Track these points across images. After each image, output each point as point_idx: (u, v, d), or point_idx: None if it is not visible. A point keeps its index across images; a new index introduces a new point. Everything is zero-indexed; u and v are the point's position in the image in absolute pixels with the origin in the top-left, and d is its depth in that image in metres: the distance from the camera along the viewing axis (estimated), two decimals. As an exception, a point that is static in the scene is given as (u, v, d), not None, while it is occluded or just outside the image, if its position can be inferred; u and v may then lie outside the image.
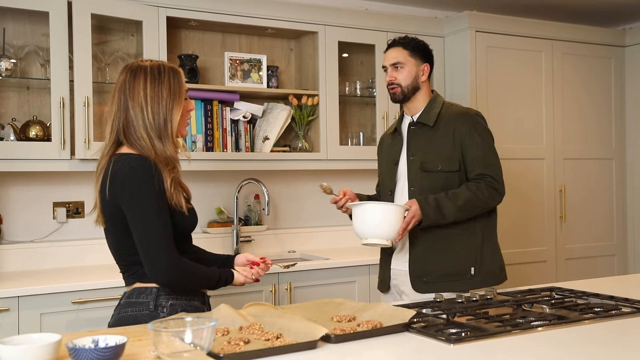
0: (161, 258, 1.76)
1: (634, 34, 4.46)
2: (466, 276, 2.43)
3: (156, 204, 1.77)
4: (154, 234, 1.76)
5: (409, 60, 2.48)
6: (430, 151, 2.46)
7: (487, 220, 2.51)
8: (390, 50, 2.52)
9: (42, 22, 3.08)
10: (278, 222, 3.81)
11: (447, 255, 2.43)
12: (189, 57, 3.39)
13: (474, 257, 2.45)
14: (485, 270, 2.46)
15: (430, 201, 2.34)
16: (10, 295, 2.55)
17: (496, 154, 2.50)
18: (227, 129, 3.45)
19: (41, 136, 3.01)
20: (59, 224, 3.26)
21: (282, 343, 1.43)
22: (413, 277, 2.45)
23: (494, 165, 2.47)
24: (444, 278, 2.42)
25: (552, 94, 4.21)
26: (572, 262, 4.29)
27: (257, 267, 2.02)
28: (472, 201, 2.37)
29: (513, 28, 4.04)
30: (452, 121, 2.46)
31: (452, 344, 1.48)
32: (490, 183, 2.42)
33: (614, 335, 1.59)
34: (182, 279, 1.80)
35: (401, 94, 2.49)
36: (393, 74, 2.49)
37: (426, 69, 2.51)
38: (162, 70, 1.87)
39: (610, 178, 4.48)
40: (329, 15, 3.61)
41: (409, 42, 2.51)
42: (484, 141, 2.46)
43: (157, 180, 1.78)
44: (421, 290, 2.43)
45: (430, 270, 2.43)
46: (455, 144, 2.44)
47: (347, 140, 3.90)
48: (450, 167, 2.43)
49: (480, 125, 2.48)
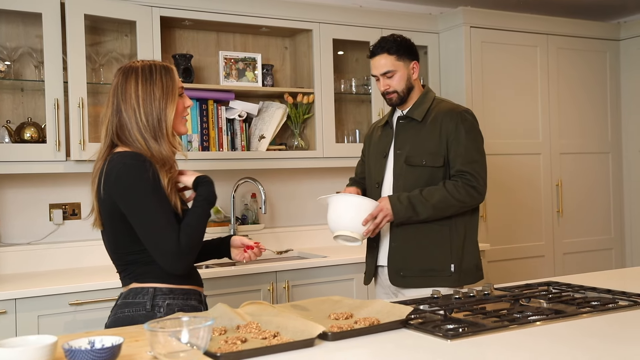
0: (168, 248, 1.75)
1: (629, 28, 4.46)
2: (445, 273, 2.40)
3: (153, 196, 1.76)
4: (156, 225, 1.75)
5: (398, 64, 2.44)
6: (416, 146, 2.43)
7: (471, 217, 2.47)
8: (376, 58, 2.47)
9: (35, 23, 3.07)
10: (275, 221, 3.81)
11: (427, 250, 2.41)
12: (184, 56, 3.38)
13: (455, 254, 2.42)
14: (465, 268, 2.42)
15: (402, 199, 2.33)
16: (7, 297, 2.54)
17: (481, 151, 2.44)
18: (223, 128, 3.45)
19: (36, 138, 3.00)
20: (56, 225, 3.25)
21: (279, 341, 1.43)
22: (391, 270, 2.44)
23: (477, 163, 2.40)
24: (422, 273, 2.40)
25: (547, 89, 4.21)
26: (570, 256, 4.30)
27: (251, 250, 2.06)
28: (446, 200, 2.33)
29: (508, 23, 4.04)
30: (440, 117, 2.43)
31: (449, 340, 1.48)
32: (467, 181, 2.36)
33: (611, 329, 1.59)
34: (192, 254, 1.81)
35: (398, 98, 2.47)
36: (386, 82, 2.46)
37: (415, 67, 2.48)
38: (154, 70, 1.87)
39: (606, 172, 4.49)
40: (324, 13, 3.61)
41: (392, 47, 2.44)
42: (469, 138, 2.41)
43: (151, 174, 1.77)
44: (399, 284, 2.42)
45: (409, 264, 2.41)
46: (442, 139, 2.41)
47: (343, 138, 3.89)
48: (435, 162, 2.40)
49: (467, 122, 2.43)
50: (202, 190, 1.89)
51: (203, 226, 1.86)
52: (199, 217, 1.84)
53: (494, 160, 3.98)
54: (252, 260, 2.09)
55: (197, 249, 1.85)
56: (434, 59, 3.99)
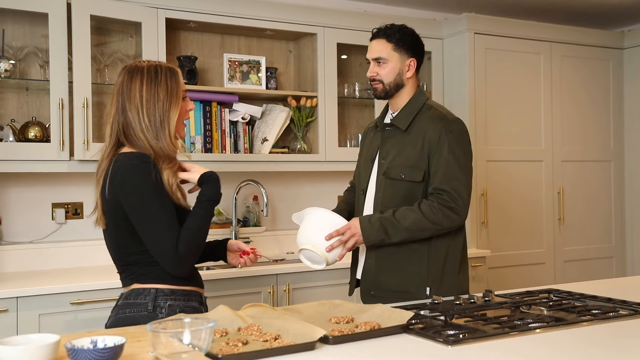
0: (167, 252, 1.76)
1: (633, 36, 4.47)
2: (420, 296, 2.19)
3: (156, 198, 1.77)
4: (157, 228, 1.76)
5: (393, 55, 2.27)
6: (398, 157, 2.26)
7: (455, 236, 2.26)
8: (374, 42, 2.30)
9: (41, 23, 3.08)
10: (277, 224, 3.82)
11: (401, 270, 2.22)
12: (188, 58, 3.39)
13: (432, 276, 2.22)
14: (444, 292, 2.17)
15: (373, 221, 2.15)
16: (8, 295, 2.55)
17: (464, 168, 2.21)
18: (226, 131, 3.45)
19: (40, 137, 3.01)
20: (58, 224, 3.26)
21: (280, 344, 1.43)
22: (363, 288, 2.30)
23: (457, 181, 2.17)
24: (394, 295, 2.18)
25: (550, 96, 4.22)
26: (570, 264, 4.30)
27: (247, 256, 2.08)
28: (420, 222, 2.14)
29: (512, 30, 4.05)
30: (425, 126, 2.23)
31: (450, 346, 1.48)
32: (444, 202, 2.15)
33: (611, 338, 1.59)
34: (191, 258, 1.82)
35: (382, 91, 2.30)
36: (375, 68, 2.29)
37: (412, 64, 2.29)
38: (159, 71, 1.88)
39: (608, 180, 4.49)
40: (328, 17, 3.62)
41: (394, 34, 2.27)
42: (451, 152, 2.18)
43: (155, 175, 1.78)
44: (370, 304, 2.15)
45: (381, 284, 2.24)
46: (424, 152, 2.21)
47: (346, 142, 3.90)
48: (414, 176, 2.21)
49: (452, 134, 2.20)
50: (206, 189, 1.88)
51: (204, 228, 1.85)
52: (201, 219, 1.84)
53: (496, 167, 3.99)
54: (247, 265, 2.10)
55: (198, 253, 1.85)
56: (438, 64, 4.00)
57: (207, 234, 1.87)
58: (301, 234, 2.18)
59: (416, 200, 2.22)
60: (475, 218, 3.87)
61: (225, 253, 2.12)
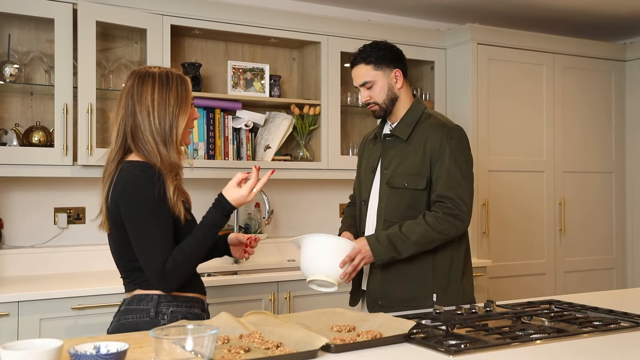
0: (153, 268, 1.77)
1: (635, 49, 4.49)
2: (427, 303, 2.20)
3: (155, 212, 1.78)
4: (148, 242, 1.77)
5: (376, 74, 2.29)
6: (400, 166, 2.27)
7: (459, 244, 2.28)
8: (354, 69, 2.33)
9: (47, 28, 3.09)
10: (278, 231, 3.82)
11: (407, 278, 2.23)
12: (192, 65, 3.40)
13: (438, 283, 2.24)
14: (450, 298, 2.21)
15: (381, 239, 2.15)
16: (10, 300, 2.55)
17: (466, 174, 2.24)
18: (229, 138, 3.46)
19: (44, 142, 3.02)
20: (60, 229, 3.26)
21: (282, 352, 1.44)
22: (369, 298, 2.29)
23: (460, 187, 2.19)
24: (401, 303, 2.19)
25: (552, 107, 4.23)
26: (571, 275, 4.30)
27: (249, 248, 2.12)
28: (428, 234, 2.15)
29: (515, 41, 4.07)
30: (426, 134, 2.25)
31: (451, 356, 1.48)
32: (449, 210, 2.17)
33: (612, 349, 1.59)
34: (178, 279, 1.80)
35: (381, 110, 2.32)
36: (365, 93, 2.32)
37: (398, 75, 2.30)
38: (170, 77, 1.89)
39: (609, 191, 4.50)
40: (332, 26, 3.63)
41: (369, 55, 2.29)
42: (453, 159, 2.20)
43: (158, 189, 1.79)
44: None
45: (388, 293, 2.25)
46: (425, 159, 2.23)
47: (349, 150, 3.91)
48: (417, 185, 2.23)
49: (454, 141, 2.22)
50: (210, 212, 1.87)
51: (198, 253, 1.83)
52: (197, 242, 1.82)
53: (498, 177, 3.99)
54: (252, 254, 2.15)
55: (187, 275, 1.83)
56: (441, 74, 4.01)
57: (201, 258, 1.86)
58: (308, 262, 2.10)
59: (420, 209, 2.24)
60: (477, 228, 3.87)
61: (228, 248, 2.14)
